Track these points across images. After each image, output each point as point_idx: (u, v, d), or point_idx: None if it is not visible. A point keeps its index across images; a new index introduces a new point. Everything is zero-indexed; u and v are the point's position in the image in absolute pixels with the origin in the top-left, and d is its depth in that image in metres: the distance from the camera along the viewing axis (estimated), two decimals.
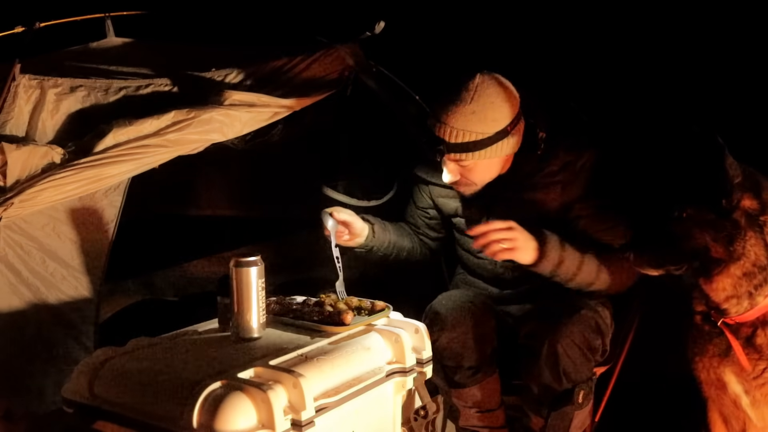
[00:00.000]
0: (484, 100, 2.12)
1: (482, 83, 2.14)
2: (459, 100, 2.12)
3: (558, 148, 2.23)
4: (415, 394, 1.95)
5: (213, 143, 2.34)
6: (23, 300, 2.20)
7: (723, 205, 1.85)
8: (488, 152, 2.15)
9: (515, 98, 2.19)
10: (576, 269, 2.14)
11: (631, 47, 2.96)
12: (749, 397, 1.99)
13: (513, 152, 2.23)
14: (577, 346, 2.06)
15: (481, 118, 2.11)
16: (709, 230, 1.88)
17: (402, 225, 2.58)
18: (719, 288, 1.92)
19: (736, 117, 2.68)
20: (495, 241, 2.06)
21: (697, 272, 1.94)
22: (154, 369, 1.69)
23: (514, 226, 2.07)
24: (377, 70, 2.75)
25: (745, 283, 1.89)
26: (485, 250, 2.09)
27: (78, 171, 2.10)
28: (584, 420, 2.18)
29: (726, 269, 1.89)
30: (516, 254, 2.08)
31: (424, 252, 2.58)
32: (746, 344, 1.94)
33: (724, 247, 1.87)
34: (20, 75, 2.22)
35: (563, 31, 3.14)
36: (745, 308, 1.92)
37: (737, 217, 1.86)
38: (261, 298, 1.85)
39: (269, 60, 2.55)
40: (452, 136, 2.13)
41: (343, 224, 2.31)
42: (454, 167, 2.22)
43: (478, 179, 2.25)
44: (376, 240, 2.41)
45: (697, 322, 2.06)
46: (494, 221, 2.09)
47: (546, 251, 2.09)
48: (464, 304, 2.23)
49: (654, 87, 2.92)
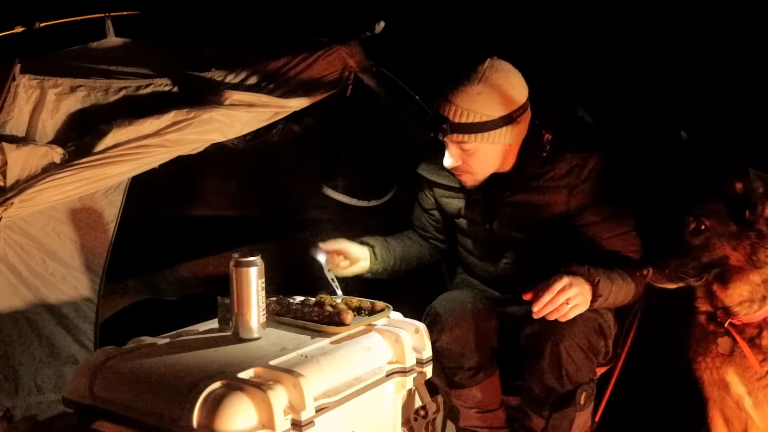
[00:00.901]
0: (492, 82, 2.11)
1: (491, 67, 2.13)
2: (467, 80, 2.11)
3: (565, 151, 2.20)
4: (415, 394, 1.95)
5: (213, 143, 2.34)
6: (23, 300, 2.20)
7: (747, 216, 1.85)
8: (491, 136, 2.13)
9: (524, 87, 2.17)
10: (617, 291, 2.10)
11: (640, 51, 2.95)
12: (752, 398, 1.98)
13: (517, 143, 2.21)
14: (579, 347, 2.05)
15: (487, 100, 2.10)
16: (730, 241, 1.88)
17: (407, 234, 2.57)
18: (735, 294, 1.92)
19: (735, 117, 2.68)
20: (561, 306, 1.97)
21: (712, 279, 1.94)
22: (154, 369, 1.69)
23: (566, 282, 1.96)
24: (377, 70, 2.74)
25: (762, 289, 1.89)
26: (552, 316, 1.98)
27: (78, 171, 2.10)
28: (585, 421, 2.18)
29: (746, 276, 1.89)
30: (581, 306, 2.00)
31: (436, 255, 2.58)
32: (750, 345, 1.94)
33: (746, 256, 1.87)
34: (20, 75, 2.22)
35: (568, 33, 3.14)
36: (755, 310, 1.92)
37: (760, 227, 1.86)
38: (261, 298, 1.85)
39: (269, 60, 2.55)
40: (456, 116, 2.11)
41: (336, 252, 2.31)
42: (455, 151, 2.19)
43: (479, 167, 2.22)
44: (381, 262, 2.41)
45: (701, 322, 2.05)
46: (551, 286, 1.96)
47: (599, 290, 2.03)
48: (465, 305, 2.22)
49: (659, 93, 2.91)
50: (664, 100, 2.88)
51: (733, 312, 1.95)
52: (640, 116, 2.90)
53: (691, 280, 1.94)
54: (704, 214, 1.90)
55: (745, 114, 2.71)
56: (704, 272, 1.93)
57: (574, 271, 2.02)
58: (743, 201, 1.86)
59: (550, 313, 1.96)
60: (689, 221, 1.92)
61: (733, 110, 2.73)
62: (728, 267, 1.90)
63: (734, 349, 1.97)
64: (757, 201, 1.85)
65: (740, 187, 1.86)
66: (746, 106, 2.71)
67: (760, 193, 1.85)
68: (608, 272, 2.08)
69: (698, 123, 2.65)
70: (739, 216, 1.87)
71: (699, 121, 2.67)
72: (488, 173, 2.25)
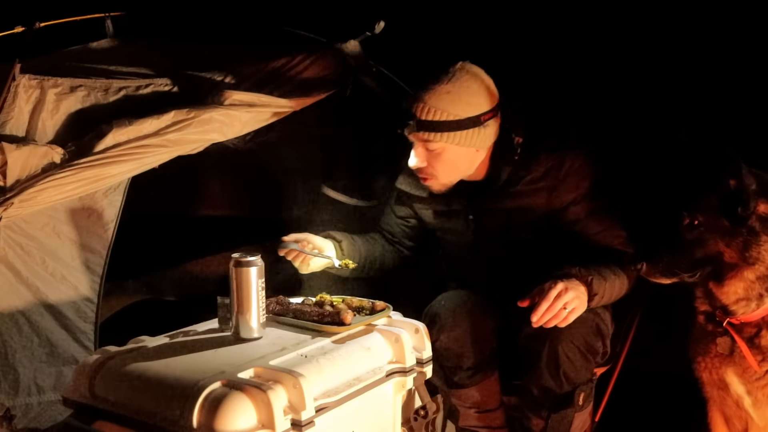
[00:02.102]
0: (461, 83, 2.12)
1: (462, 69, 2.14)
2: (437, 80, 2.12)
3: (539, 153, 2.20)
4: (415, 394, 1.95)
5: (213, 143, 2.34)
6: (23, 300, 2.20)
7: (739, 212, 1.86)
8: (457, 137, 2.12)
9: (493, 93, 2.18)
10: (611, 287, 2.10)
11: (629, 48, 2.96)
12: (752, 398, 1.98)
13: (485, 149, 2.20)
14: (577, 348, 2.06)
15: (455, 99, 2.10)
16: (723, 237, 1.88)
17: (372, 236, 2.54)
18: (731, 291, 1.92)
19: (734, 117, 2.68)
20: (559, 312, 1.96)
21: (708, 276, 1.94)
22: (154, 369, 1.69)
23: (561, 287, 1.96)
24: (377, 70, 2.74)
25: (758, 286, 1.89)
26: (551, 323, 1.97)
27: (78, 171, 2.10)
28: (584, 421, 2.18)
29: (740, 273, 1.89)
30: (579, 309, 2.00)
31: (397, 260, 2.54)
32: (749, 344, 1.94)
33: (739, 252, 1.87)
34: (20, 75, 2.23)
35: (567, 33, 3.14)
36: (753, 309, 1.92)
37: (752, 224, 1.86)
38: (261, 298, 1.85)
39: (269, 60, 2.55)
40: (423, 113, 2.11)
41: (301, 240, 2.29)
42: (421, 151, 2.18)
43: (444, 171, 2.20)
44: (346, 256, 2.37)
45: (700, 322, 2.05)
46: (547, 293, 1.96)
47: (594, 289, 2.03)
48: (463, 305, 2.22)
49: (650, 91, 2.91)
50: (661, 98, 2.88)
51: (730, 311, 1.95)
52: (637, 113, 2.89)
53: (685, 275, 1.94)
54: (698, 210, 1.91)
55: (744, 112, 2.71)
56: (698, 268, 1.93)
57: (567, 274, 2.02)
58: (736, 197, 1.86)
59: (549, 321, 1.96)
60: (684, 216, 1.92)
61: (730, 108, 2.72)
62: (723, 264, 1.90)
63: (733, 348, 1.97)
64: (750, 198, 1.85)
65: (734, 184, 1.87)
66: (745, 104, 2.71)
67: (752, 189, 1.86)
68: (599, 269, 2.08)
69: (696, 120, 2.66)
70: (732, 212, 1.87)
71: (697, 119, 2.68)
72: (454, 179, 2.24)
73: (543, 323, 1.96)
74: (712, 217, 1.90)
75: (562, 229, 2.21)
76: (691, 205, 1.92)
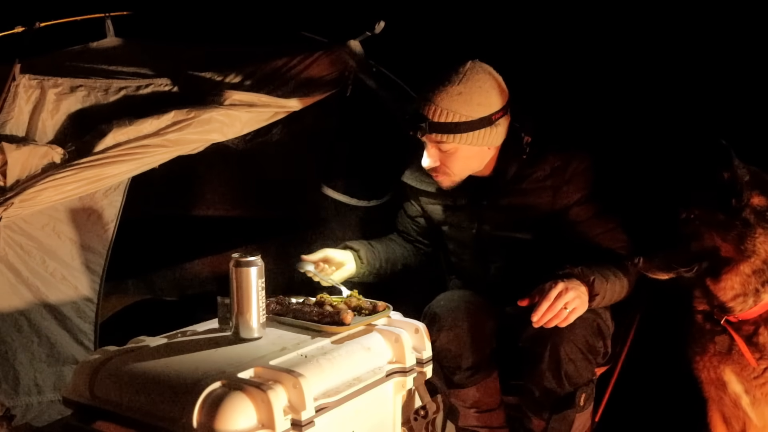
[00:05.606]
0: (472, 83, 2.12)
1: (472, 68, 2.15)
2: (447, 81, 2.12)
3: (546, 152, 2.22)
4: (415, 394, 1.95)
5: (213, 143, 2.34)
6: (23, 300, 2.20)
7: (733, 204, 1.86)
8: (470, 137, 2.14)
9: (504, 91, 2.19)
10: (612, 288, 2.10)
11: (629, 48, 2.96)
12: (749, 397, 1.99)
13: (495, 146, 2.22)
14: (579, 349, 2.06)
15: (467, 100, 2.11)
16: (718, 230, 1.88)
17: (391, 237, 2.58)
18: (727, 287, 1.92)
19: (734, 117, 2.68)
20: (559, 312, 1.97)
21: (704, 272, 1.95)
22: (154, 369, 1.69)
23: (562, 287, 1.96)
24: (377, 70, 2.74)
25: (753, 281, 1.90)
26: (551, 323, 1.97)
27: (78, 171, 2.10)
28: (585, 422, 2.18)
29: (736, 268, 1.90)
30: (580, 309, 2.00)
31: (421, 258, 2.58)
32: (748, 342, 1.94)
33: (735, 245, 1.88)
34: (20, 75, 2.23)
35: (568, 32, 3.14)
36: (750, 306, 1.92)
37: (747, 216, 1.86)
38: (261, 298, 1.85)
39: (269, 60, 2.55)
40: (436, 115, 2.11)
41: (321, 261, 2.32)
42: (434, 152, 2.20)
43: (456, 169, 2.22)
44: (367, 265, 2.42)
45: (698, 321, 2.06)
46: (548, 293, 1.96)
47: (595, 289, 2.03)
48: (463, 305, 2.22)
49: (653, 90, 2.91)
50: (661, 95, 2.88)
51: (728, 308, 1.95)
52: (635, 111, 2.90)
53: (682, 270, 1.95)
54: (693, 203, 1.91)
55: (743, 109, 2.71)
56: (694, 262, 1.93)
57: (568, 274, 2.02)
58: (730, 189, 1.87)
59: (549, 320, 1.96)
60: (680, 210, 1.93)
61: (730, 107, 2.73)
62: (719, 259, 1.90)
63: (732, 347, 1.98)
64: (743, 189, 1.86)
65: (727, 176, 1.87)
66: (744, 101, 2.71)
67: (745, 181, 1.86)
68: (601, 270, 2.09)
69: (694, 116, 2.67)
70: (726, 204, 1.87)
71: (694, 115, 2.68)
72: (465, 175, 2.26)
73: (543, 323, 1.96)
74: (707, 210, 1.91)
75: (565, 229, 2.21)
76: (686, 199, 1.93)
